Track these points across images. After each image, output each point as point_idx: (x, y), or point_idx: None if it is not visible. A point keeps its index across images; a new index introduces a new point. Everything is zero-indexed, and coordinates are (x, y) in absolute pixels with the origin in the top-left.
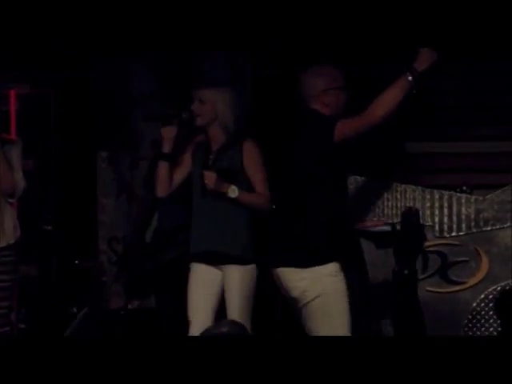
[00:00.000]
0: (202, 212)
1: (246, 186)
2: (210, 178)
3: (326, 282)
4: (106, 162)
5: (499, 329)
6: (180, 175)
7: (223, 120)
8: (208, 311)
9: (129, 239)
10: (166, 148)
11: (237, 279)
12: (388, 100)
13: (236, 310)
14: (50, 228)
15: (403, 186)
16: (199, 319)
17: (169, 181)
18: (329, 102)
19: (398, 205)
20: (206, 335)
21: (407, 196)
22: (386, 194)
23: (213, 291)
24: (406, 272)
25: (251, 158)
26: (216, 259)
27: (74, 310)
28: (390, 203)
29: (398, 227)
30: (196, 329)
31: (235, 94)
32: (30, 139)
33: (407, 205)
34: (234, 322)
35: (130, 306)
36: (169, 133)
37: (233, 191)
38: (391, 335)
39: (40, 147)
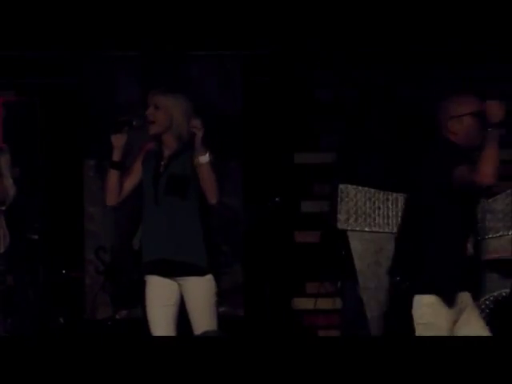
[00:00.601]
0: (155, 220)
1: (198, 190)
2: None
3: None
4: (94, 171)
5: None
6: (130, 183)
7: (177, 128)
8: (169, 322)
9: (116, 248)
10: (116, 156)
11: (197, 291)
12: (491, 159)
13: (202, 323)
14: (36, 237)
15: (395, 194)
16: (162, 333)
17: (119, 189)
18: (457, 131)
19: (390, 214)
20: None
21: (399, 205)
22: (377, 203)
23: (171, 302)
24: (405, 285)
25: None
26: (170, 268)
27: (61, 320)
28: (381, 212)
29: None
30: None
31: (190, 102)
32: (16, 147)
33: (400, 214)
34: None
35: (117, 316)
36: (119, 141)
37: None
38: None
39: (26, 155)
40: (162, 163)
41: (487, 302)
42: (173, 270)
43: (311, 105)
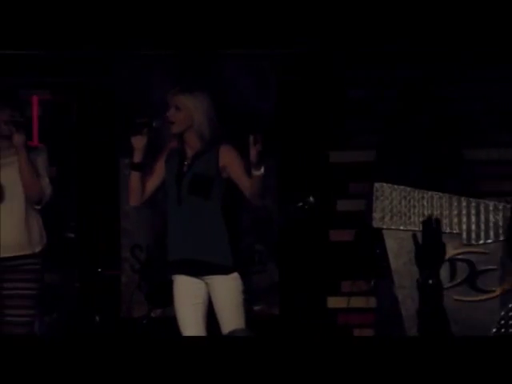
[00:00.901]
0: (179, 219)
1: (224, 189)
2: (255, 151)
3: None
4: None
5: None
6: (153, 183)
7: (199, 128)
8: (199, 321)
9: (151, 247)
10: (137, 158)
11: (224, 291)
12: None
13: (231, 322)
14: (72, 236)
15: (430, 193)
16: (192, 331)
17: (141, 190)
18: None
19: (425, 212)
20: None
21: (434, 203)
22: (412, 202)
23: (199, 300)
24: (430, 282)
25: (230, 161)
26: (195, 268)
27: (97, 318)
28: (416, 210)
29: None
30: None
31: (212, 101)
32: (52, 146)
33: (434, 213)
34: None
35: (153, 315)
36: (139, 142)
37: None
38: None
39: (63, 154)
40: (186, 163)
41: None
42: (198, 269)
43: (346, 104)
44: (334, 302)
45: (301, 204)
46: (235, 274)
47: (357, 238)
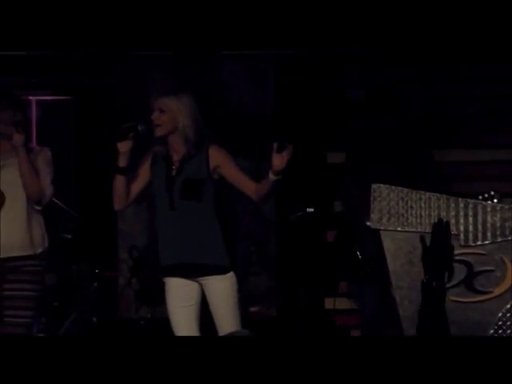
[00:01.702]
0: (172, 224)
1: (215, 190)
2: (282, 159)
3: None
4: None
5: None
6: (138, 187)
7: (184, 130)
8: (192, 324)
9: (148, 248)
10: (122, 162)
11: (220, 290)
12: None
13: (227, 321)
14: (70, 237)
15: (427, 194)
16: (186, 333)
17: (126, 194)
18: None
19: (423, 213)
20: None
21: (431, 204)
22: (409, 203)
23: (192, 302)
24: (434, 284)
25: (222, 160)
26: (193, 271)
27: (94, 319)
28: (414, 212)
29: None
30: None
31: (196, 103)
32: (50, 147)
33: (432, 214)
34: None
35: (148, 316)
36: (124, 146)
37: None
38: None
39: (61, 155)
40: (174, 167)
41: None
42: (193, 272)
43: (344, 105)
44: (332, 303)
45: (300, 213)
46: (231, 274)
47: (337, 239)
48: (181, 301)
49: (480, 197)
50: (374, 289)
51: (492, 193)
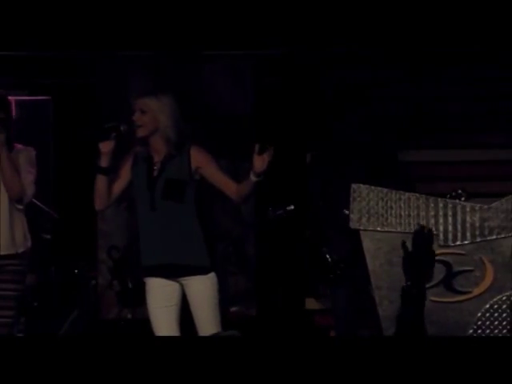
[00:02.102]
0: (153, 224)
1: (196, 191)
2: (263, 161)
3: None
4: None
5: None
6: (119, 187)
7: (165, 130)
8: (172, 324)
9: (128, 248)
10: (104, 162)
11: (201, 290)
12: None
13: (207, 322)
14: (48, 237)
15: (407, 194)
16: (166, 334)
17: (107, 194)
18: None
19: (402, 213)
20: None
21: (411, 204)
22: (389, 203)
23: (173, 302)
24: (414, 290)
25: (204, 161)
26: (175, 272)
27: (74, 319)
28: (393, 211)
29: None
30: None
31: (176, 103)
32: (28, 146)
33: (411, 213)
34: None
35: (129, 316)
36: (106, 147)
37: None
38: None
39: (39, 155)
40: (155, 168)
41: (499, 302)
42: (175, 272)
43: (325, 104)
44: (312, 304)
45: (280, 212)
46: (212, 274)
47: (308, 241)
48: (162, 301)
49: (448, 196)
50: (345, 290)
51: (459, 191)
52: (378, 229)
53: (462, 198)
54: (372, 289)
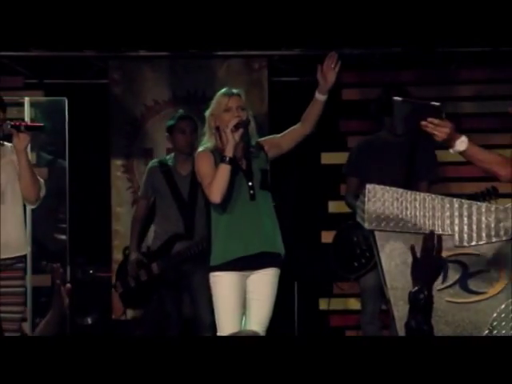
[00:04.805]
0: (251, 214)
1: None
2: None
3: None
4: (121, 171)
5: None
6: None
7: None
8: (240, 317)
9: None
10: (231, 152)
11: (273, 283)
12: None
13: (266, 316)
14: (63, 237)
15: (422, 194)
16: (235, 327)
17: (227, 186)
18: None
19: (417, 214)
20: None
21: (426, 205)
22: (404, 203)
23: (243, 295)
24: (421, 296)
25: (268, 140)
26: (263, 261)
27: (88, 320)
28: (408, 212)
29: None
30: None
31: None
32: (43, 147)
33: (427, 214)
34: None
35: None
36: (237, 137)
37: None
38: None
39: (54, 155)
40: (242, 161)
41: None
42: (262, 262)
43: (338, 105)
44: (326, 304)
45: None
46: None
47: (335, 238)
48: (235, 293)
49: (479, 193)
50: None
51: (489, 188)
52: (394, 229)
53: (492, 196)
54: (387, 289)
